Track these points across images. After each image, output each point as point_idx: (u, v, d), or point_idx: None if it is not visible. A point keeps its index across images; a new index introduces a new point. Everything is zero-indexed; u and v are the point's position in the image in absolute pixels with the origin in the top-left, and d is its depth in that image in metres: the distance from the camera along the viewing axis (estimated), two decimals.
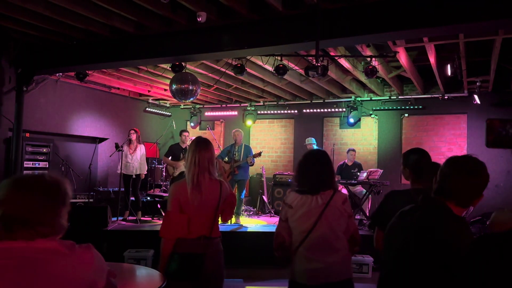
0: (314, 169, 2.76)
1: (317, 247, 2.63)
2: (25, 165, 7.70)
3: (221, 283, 3.00)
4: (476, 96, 8.66)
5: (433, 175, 2.58)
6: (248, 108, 11.07)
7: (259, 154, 7.96)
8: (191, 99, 6.56)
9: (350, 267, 2.74)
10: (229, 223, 7.57)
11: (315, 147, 8.85)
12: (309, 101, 10.58)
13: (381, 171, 8.16)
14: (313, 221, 2.64)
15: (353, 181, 8.22)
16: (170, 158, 8.22)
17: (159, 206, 8.58)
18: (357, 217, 8.11)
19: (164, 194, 9.04)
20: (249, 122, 10.98)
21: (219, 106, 11.69)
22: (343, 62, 7.00)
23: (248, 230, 7.14)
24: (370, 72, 6.70)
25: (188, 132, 8.54)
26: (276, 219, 8.32)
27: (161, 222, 3.07)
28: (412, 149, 2.91)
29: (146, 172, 8.30)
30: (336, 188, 2.77)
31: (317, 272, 2.61)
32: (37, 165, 8.01)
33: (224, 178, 3.13)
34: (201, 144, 3.00)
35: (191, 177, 2.89)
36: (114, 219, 7.58)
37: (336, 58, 6.76)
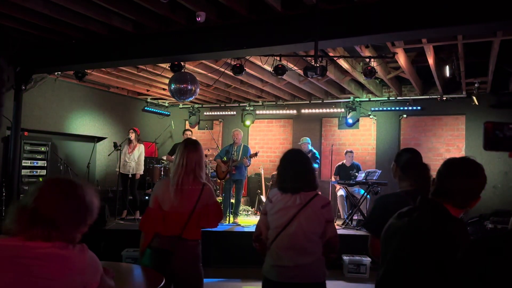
0: (293, 168, 2.75)
1: (287, 246, 2.63)
2: (23, 164, 7.70)
3: (196, 286, 2.99)
4: (474, 98, 8.68)
5: (420, 176, 2.62)
6: (247, 108, 11.07)
7: (255, 155, 7.97)
8: (190, 98, 6.56)
9: (322, 271, 2.68)
10: (227, 222, 7.58)
11: (309, 146, 8.86)
12: (308, 101, 10.59)
13: (379, 171, 8.18)
14: (287, 219, 2.64)
15: (351, 181, 8.25)
16: (173, 156, 8.23)
17: None
18: (355, 217, 8.13)
19: None
20: (247, 122, 10.99)
21: (218, 105, 11.69)
22: (342, 62, 7.01)
23: (246, 230, 7.15)
24: (369, 72, 6.71)
25: (190, 131, 8.55)
26: None
27: None
28: (406, 148, 2.93)
29: (142, 173, 8.23)
30: (317, 187, 2.75)
31: (285, 270, 2.62)
32: (35, 164, 8.01)
33: (208, 180, 3.14)
34: (190, 146, 3.01)
35: (176, 179, 2.92)
36: (112, 218, 7.59)
37: (335, 58, 6.77)
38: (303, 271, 2.60)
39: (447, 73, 7.47)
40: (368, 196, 8.08)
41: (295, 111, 10.78)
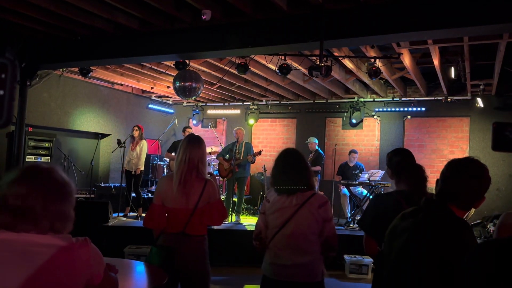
0: (286, 170, 2.74)
1: (285, 245, 2.65)
2: (27, 159, 7.72)
3: (203, 283, 2.97)
4: (479, 99, 8.65)
5: (414, 177, 2.65)
6: (251, 107, 11.07)
7: (259, 153, 7.97)
8: (194, 96, 6.57)
9: (319, 271, 2.67)
10: (228, 221, 7.59)
11: (316, 146, 8.90)
12: (312, 101, 10.58)
13: (383, 172, 8.16)
14: (284, 219, 2.65)
15: (353, 182, 8.24)
16: (173, 153, 8.25)
17: None
18: (358, 218, 8.12)
19: None
20: (251, 121, 10.99)
21: (222, 104, 11.70)
22: (347, 62, 7.00)
23: (248, 229, 7.16)
24: (374, 73, 6.69)
25: (191, 128, 8.55)
26: None
27: None
28: (396, 150, 2.94)
29: (142, 168, 8.13)
30: (313, 186, 2.75)
31: (282, 268, 2.63)
32: (39, 160, 8.03)
33: (214, 178, 3.13)
34: (193, 141, 2.99)
35: (179, 175, 2.91)
36: (115, 215, 7.61)
37: (339, 58, 6.76)
38: (301, 270, 2.61)
39: (452, 75, 7.45)
40: (371, 196, 8.06)
41: (299, 111, 10.77)
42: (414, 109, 9.58)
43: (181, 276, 2.93)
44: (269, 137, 11.32)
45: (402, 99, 9.68)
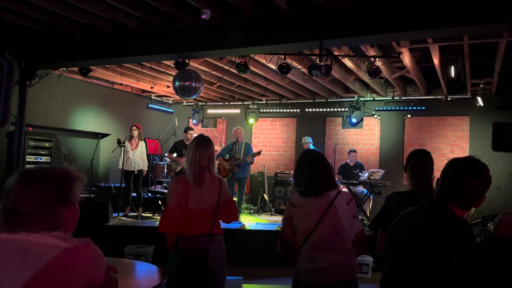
0: (313, 170, 2.72)
1: (319, 247, 2.61)
2: (27, 159, 7.72)
3: (223, 280, 3.01)
4: (479, 98, 8.64)
5: (431, 178, 2.67)
6: (251, 106, 11.06)
7: (259, 153, 7.97)
8: (194, 96, 6.56)
9: (354, 268, 2.69)
10: None
11: (311, 146, 8.87)
12: (312, 101, 10.58)
13: (383, 171, 8.16)
14: (316, 221, 2.61)
15: (354, 181, 8.23)
16: (174, 154, 8.25)
17: (160, 202, 8.59)
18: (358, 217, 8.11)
19: (165, 191, 9.05)
20: (251, 120, 10.98)
21: (222, 103, 11.69)
22: (347, 62, 6.99)
23: (248, 228, 7.15)
24: (374, 72, 6.69)
25: (193, 130, 8.55)
26: (276, 218, 8.34)
27: None
28: (416, 150, 2.94)
29: (147, 169, 8.32)
30: (337, 185, 2.76)
31: (320, 271, 2.59)
32: (39, 160, 8.03)
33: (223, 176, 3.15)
34: (202, 142, 3.02)
35: (193, 175, 2.92)
36: (115, 214, 7.61)
37: (339, 57, 6.75)
38: (338, 269, 2.59)
39: (452, 74, 7.44)
40: (371, 195, 8.06)
41: (299, 110, 10.77)
42: (414, 108, 9.58)
43: (203, 276, 2.90)
44: (269, 137, 11.32)
45: (402, 98, 9.68)
